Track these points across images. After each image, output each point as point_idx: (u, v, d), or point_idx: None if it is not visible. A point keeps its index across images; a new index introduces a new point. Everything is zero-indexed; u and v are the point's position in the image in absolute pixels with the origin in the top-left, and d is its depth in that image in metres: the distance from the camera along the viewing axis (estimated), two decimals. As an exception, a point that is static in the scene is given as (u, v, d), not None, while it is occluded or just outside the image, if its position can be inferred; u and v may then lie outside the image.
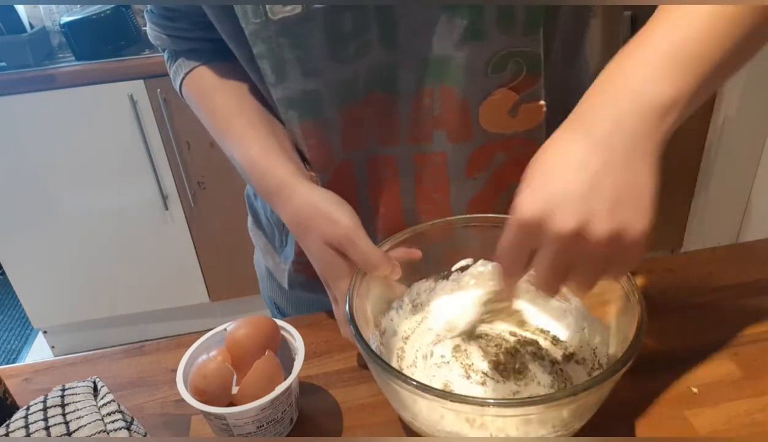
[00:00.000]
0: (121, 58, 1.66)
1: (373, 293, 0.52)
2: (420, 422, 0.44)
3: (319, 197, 0.53)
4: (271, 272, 0.75)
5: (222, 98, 0.61)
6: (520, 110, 0.56)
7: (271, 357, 0.48)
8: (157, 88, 1.63)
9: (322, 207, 0.52)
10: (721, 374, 0.53)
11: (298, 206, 0.53)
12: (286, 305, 0.76)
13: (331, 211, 0.51)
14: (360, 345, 0.44)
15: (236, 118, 0.59)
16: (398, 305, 0.56)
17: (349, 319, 0.46)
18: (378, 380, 0.46)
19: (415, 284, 0.57)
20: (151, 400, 0.56)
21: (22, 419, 0.47)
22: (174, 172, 1.77)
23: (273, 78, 0.54)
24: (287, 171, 0.55)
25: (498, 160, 0.59)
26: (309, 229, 0.52)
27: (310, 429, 0.52)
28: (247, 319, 0.51)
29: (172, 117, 1.68)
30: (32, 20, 1.78)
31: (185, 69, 0.64)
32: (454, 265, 0.58)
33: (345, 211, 0.51)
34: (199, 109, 0.64)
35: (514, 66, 0.53)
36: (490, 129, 0.57)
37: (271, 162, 0.56)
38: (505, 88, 0.54)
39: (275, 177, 0.55)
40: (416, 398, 0.42)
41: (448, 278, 0.58)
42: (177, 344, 0.62)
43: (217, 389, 0.47)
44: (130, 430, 0.48)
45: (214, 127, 0.62)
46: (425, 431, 0.45)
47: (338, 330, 0.54)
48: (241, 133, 0.59)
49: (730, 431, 0.48)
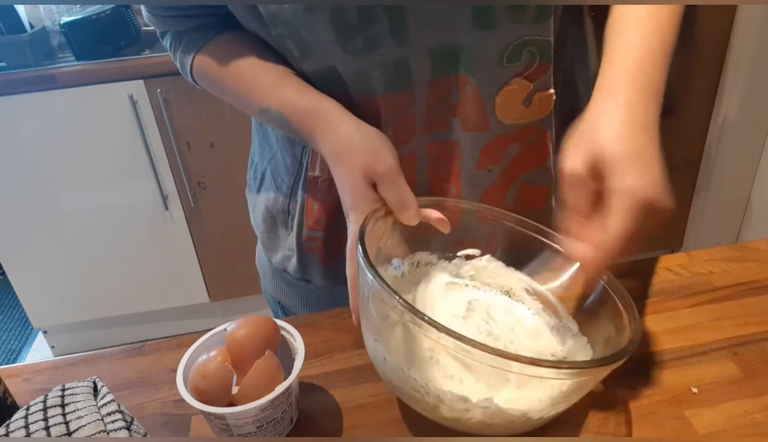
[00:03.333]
0: (121, 58, 1.66)
1: (381, 242, 0.53)
2: (394, 353, 0.45)
3: (367, 132, 0.53)
4: (276, 268, 0.75)
5: (244, 60, 0.60)
6: (534, 99, 0.57)
7: (271, 357, 0.48)
8: (157, 88, 1.63)
9: (369, 141, 0.53)
10: (721, 374, 0.53)
11: (344, 136, 0.54)
12: (293, 301, 0.76)
13: (377, 146, 0.52)
14: (364, 262, 0.44)
15: (264, 73, 0.59)
16: (398, 265, 0.56)
17: (359, 242, 0.46)
18: (367, 304, 0.47)
19: (418, 253, 0.57)
20: (151, 400, 0.56)
21: (22, 419, 0.47)
22: (174, 172, 1.77)
23: (298, 54, 0.55)
24: (330, 105, 0.55)
25: (511, 153, 0.60)
26: (349, 158, 0.53)
27: (310, 429, 0.51)
28: (247, 319, 0.51)
29: (172, 117, 1.68)
30: (32, 20, 1.78)
31: (196, 47, 0.63)
32: (460, 250, 0.58)
33: (390, 150, 0.52)
34: (221, 79, 0.62)
35: (528, 55, 0.54)
36: (506, 120, 0.58)
37: (311, 100, 0.56)
38: (520, 77, 0.55)
39: (319, 112, 0.55)
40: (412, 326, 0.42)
41: (450, 260, 0.58)
42: (177, 344, 0.62)
43: (217, 389, 0.47)
44: (130, 430, 0.48)
45: (240, 90, 0.61)
46: (398, 363, 0.45)
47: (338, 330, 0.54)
48: (273, 83, 0.58)
49: (730, 431, 0.48)
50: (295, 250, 0.69)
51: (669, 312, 0.61)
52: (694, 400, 0.51)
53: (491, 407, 0.42)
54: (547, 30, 0.53)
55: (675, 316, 0.60)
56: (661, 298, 0.63)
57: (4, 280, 2.00)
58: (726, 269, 0.67)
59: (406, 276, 0.57)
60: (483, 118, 0.57)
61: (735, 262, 0.68)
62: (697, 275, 0.66)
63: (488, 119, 0.57)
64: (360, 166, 0.52)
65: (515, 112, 0.57)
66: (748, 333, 0.58)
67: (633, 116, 0.46)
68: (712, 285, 0.64)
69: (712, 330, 0.58)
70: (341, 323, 0.62)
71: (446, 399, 0.43)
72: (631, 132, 0.45)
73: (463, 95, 0.56)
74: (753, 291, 0.63)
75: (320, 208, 0.65)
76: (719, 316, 0.60)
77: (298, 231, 0.68)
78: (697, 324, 0.59)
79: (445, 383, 0.44)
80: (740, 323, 0.59)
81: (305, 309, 0.76)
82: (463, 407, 0.43)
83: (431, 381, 0.44)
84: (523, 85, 0.56)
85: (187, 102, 1.65)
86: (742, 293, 0.63)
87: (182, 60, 0.65)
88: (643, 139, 0.45)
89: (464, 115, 0.57)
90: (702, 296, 0.63)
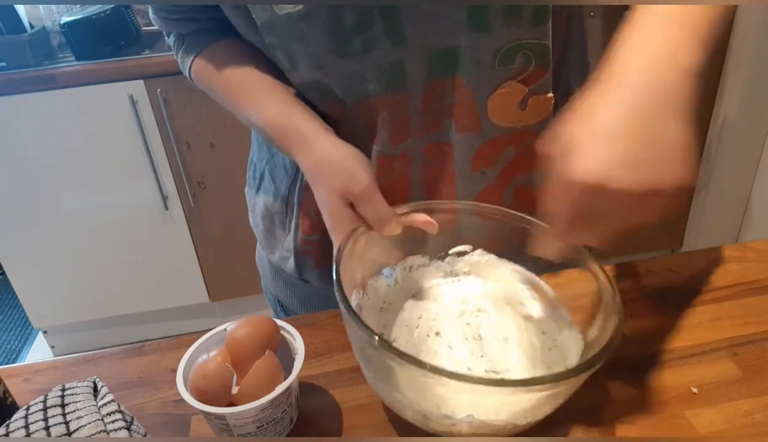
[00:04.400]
0: (121, 58, 1.66)
1: (369, 254, 0.54)
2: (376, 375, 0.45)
3: (341, 152, 0.54)
4: (275, 267, 0.75)
5: (236, 70, 0.61)
6: (530, 103, 0.56)
7: (271, 357, 0.48)
8: (157, 88, 1.63)
9: (343, 162, 0.53)
10: (721, 374, 0.53)
11: (319, 157, 0.55)
12: (291, 300, 0.76)
13: (351, 166, 0.53)
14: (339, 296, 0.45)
15: (252, 84, 0.60)
16: (389, 273, 0.57)
17: (335, 271, 0.47)
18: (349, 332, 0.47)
19: (410, 257, 0.58)
20: (151, 400, 0.56)
21: (22, 419, 0.47)
22: (174, 172, 1.77)
23: (288, 65, 0.55)
24: (309, 124, 0.56)
25: (507, 157, 0.60)
26: (325, 180, 0.54)
27: (310, 429, 0.51)
28: (247, 319, 0.51)
29: (172, 117, 1.68)
30: (32, 20, 1.78)
31: (195, 50, 0.64)
32: (452, 248, 0.58)
33: (364, 168, 0.53)
34: (214, 85, 0.64)
35: (523, 58, 0.54)
36: (500, 123, 0.57)
37: (292, 117, 0.57)
38: (513, 80, 0.55)
39: (298, 131, 0.56)
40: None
41: (443, 260, 0.59)
42: (177, 344, 0.62)
43: (217, 389, 0.47)
44: (130, 430, 0.48)
45: (231, 99, 0.62)
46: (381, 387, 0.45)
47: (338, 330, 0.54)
48: (259, 96, 0.59)
49: (730, 431, 0.48)
50: (293, 252, 0.69)
51: (669, 312, 0.61)
52: (694, 400, 0.51)
53: (474, 422, 0.43)
54: (545, 34, 0.53)
55: (675, 316, 0.60)
56: (661, 298, 0.63)
57: (4, 280, 2.00)
58: (726, 269, 0.67)
59: (399, 283, 0.57)
60: (476, 120, 0.57)
61: (735, 262, 0.68)
62: (697, 275, 0.66)
63: (481, 121, 0.57)
64: (335, 188, 0.53)
65: (510, 115, 0.57)
66: (748, 333, 0.58)
67: (603, 92, 0.41)
68: (712, 285, 0.64)
69: (712, 330, 0.58)
70: (341, 323, 0.62)
71: (432, 417, 0.44)
72: (592, 109, 0.40)
73: (457, 97, 0.56)
74: (753, 291, 0.63)
75: (315, 213, 0.65)
76: (719, 316, 0.60)
77: (295, 234, 0.68)
78: (697, 324, 0.59)
79: (428, 401, 0.44)
80: (740, 323, 0.59)
81: (303, 308, 0.76)
82: (449, 423, 0.43)
83: (416, 400, 0.44)
84: (516, 89, 0.56)
85: (187, 102, 1.65)
86: (742, 293, 0.63)
87: (183, 61, 0.66)
88: (608, 114, 0.40)
89: (458, 117, 0.57)
90: (702, 296, 0.63)
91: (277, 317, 0.81)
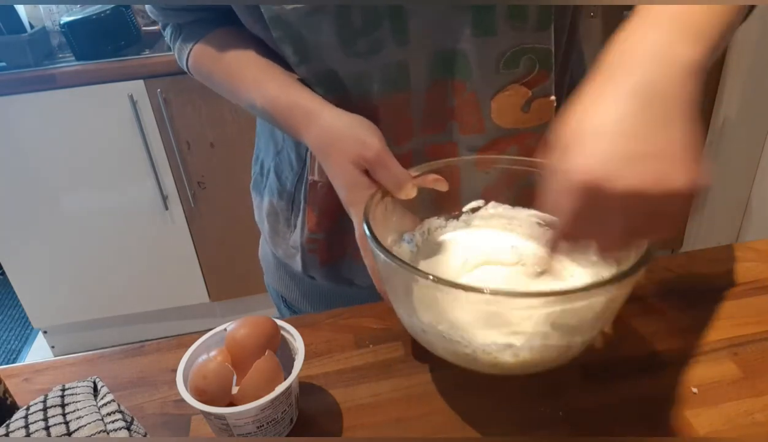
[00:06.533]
0: (121, 58, 1.66)
1: (388, 224, 0.54)
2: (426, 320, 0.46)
3: (348, 120, 0.54)
4: (280, 261, 0.75)
5: (235, 54, 0.61)
6: (533, 106, 0.57)
7: (271, 357, 0.48)
8: (157, 88, 1.63)
9: (352, 129, 0.53)
10: (721, 374, 0.53)
11: (327, 128, 0.54)
12: (296, 295, 0.76)
13: (361, 133, 0.52)
14: (375, 246, 0.45)
15: (252, 66, 0.60)
16: (409, 239, 0.57)
17: (366, 226, 0.47)
18: (390, 279, 0.48)
19: (427, 220, 0.58)
20: (151, 400, 0.56)
21: (22, 419, 0.47)
22: (174, 172, 1.78)
23: (296, 59, 0.55)
24: (312, 99, 0.56)
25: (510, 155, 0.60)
26: (336, 150, 0.53)
27: (310, 429, 0.51)
28: (247, 319, 0.51)
29: (172, 117, 1.68)
30: (32, 20, 1.78)
31: (193, 40, 0.64)
32: (465, 205, 0.59)
33: (374, 133, 0.52)
34: (213, 71, 0.63)
35: (528, 62, 0.54)
36: (504, 125, 0.58)
37: (293, 94, 0.56)
38: (517, 83, 0.55)
39: (301, 107, 0.56)
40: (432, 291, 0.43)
41: (458, 218, 0.59)
42: (177, 344, 0.62)
43: (217, 389, 0.47)
44: (130, 430, 0.48)
45: (231, 83, 0.62)
46: (429, 330, 0.46)
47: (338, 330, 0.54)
48: (259, 78, 0.59)
49: (730, 431, 0.48)
50: (299, 248, 0.70)
51: (669, 312, 0.61)
52: (694, 400, 0.51)
53: (536, 345, 0.44)
54: (548, 38, 0.53)
55: (675, 316, 0.60)
56: (661, 298, 0.63)
57: (4, 280, 2.00)
58: (726, 269, 0.67)
59: (421, 248, 0.57)
60: (479, 121, 0.57)
61: (735, 262, 0.68)
62: (697, 275, 0.66)
63: (484, 123, 0.58)
64: (349, 156, 0.52)
65: (513, 117, 0.58)
66: (748, 333, 0.58)
67: (601, 90, 0.40)
68: (711, 285, 0.64)
69: (712, 330, 0.58)
70: (341, 323, 0.62)
71: (492, 351, 0.44)
72: (589, 107, 0.39)
73: (460, 99, 0.56)
74: (753, 291, 0.63)
75: (320, 212, 0.65)
76: (719, 316, 0.60)
77: (301, 231, 0.68)
78: (697, 324, 0.59)
79: (487, 336, 0.45)
80: (740, 323, 0.59)
81: (307, 302, 0.76)
82: (510, 353, 0.44)
83: (474, 339, 0.44)
84: (520, 92, 0.56)
85: (187, 102, 1.65)
86: (742, 293, 0.63)
87: (180, 52, 0.66)
88: (607, 111, 0.38)
89: (461, 119, 0.57)
90: (702, 296, 0.63)
91: (280, 313, 0.81)
